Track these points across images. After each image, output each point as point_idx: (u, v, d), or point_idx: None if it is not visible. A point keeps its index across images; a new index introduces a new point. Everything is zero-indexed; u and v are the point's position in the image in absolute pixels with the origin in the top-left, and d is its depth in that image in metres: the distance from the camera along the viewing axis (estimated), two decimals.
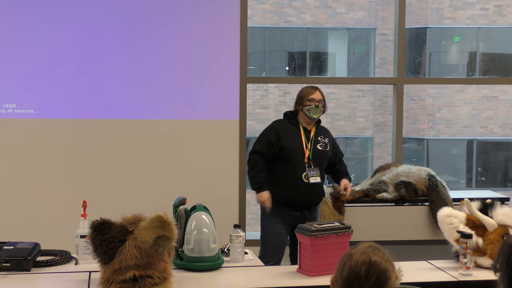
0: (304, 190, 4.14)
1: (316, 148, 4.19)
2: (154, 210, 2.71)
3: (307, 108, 4.15)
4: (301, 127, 4.20)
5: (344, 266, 1.94)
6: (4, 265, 3.01)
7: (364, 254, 1.93)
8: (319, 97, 4.19)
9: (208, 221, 3.16)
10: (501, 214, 3.22)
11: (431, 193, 4.83)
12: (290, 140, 4.16)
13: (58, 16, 4.97)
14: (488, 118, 13.18)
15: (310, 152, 4.15)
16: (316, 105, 4.15)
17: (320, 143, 4.22)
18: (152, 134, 5.07)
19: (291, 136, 4.17)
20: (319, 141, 4.21)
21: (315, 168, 4.14)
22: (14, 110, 4.98)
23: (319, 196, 4.28)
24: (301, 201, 4.17)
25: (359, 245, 1.98)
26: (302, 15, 13.24)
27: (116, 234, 2.62)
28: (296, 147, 4.15)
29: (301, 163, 4.13)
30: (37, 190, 5.01)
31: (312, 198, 4.22)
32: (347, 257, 1.95)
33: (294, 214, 4.18)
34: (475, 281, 2.99)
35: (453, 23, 13.24)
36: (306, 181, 4.12)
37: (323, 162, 4.23)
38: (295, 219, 4.14)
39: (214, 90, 5.09)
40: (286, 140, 4.15)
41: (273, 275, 3.12)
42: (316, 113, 4.16)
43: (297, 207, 4.18)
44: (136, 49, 5.04)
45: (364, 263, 1.91)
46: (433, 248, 4.62)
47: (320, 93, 4.20)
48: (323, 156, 4.22)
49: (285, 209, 4.17)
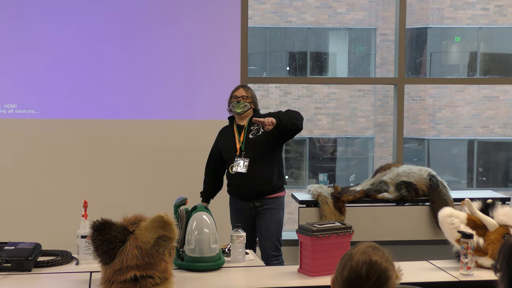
0: (234, 180, 4.30)
1: (248, 138, 4.32)
2: (155, 210, 2.71)
3: (231, 104, 4.38)
4: (234, 125, 4.40)
5: (344, 266, 1.94)
6: (5, 266, 3.01)
7: (365, 254, 1.93)
8: (242, 93, 4.37)
9: (209, 221, 3.17)
10: (502, 214, 3.22)
11: (432, 193, 4.83)
12: (223, 142, 4.42)
13: (58, 17, 4.97)
14: (489, 118, 13.17)
15: (243, 144, 4.30)
16: (237, 100, 4.34)
17: (252, 132, 4.34)
18: (152, 134, 5.08)
19: (225, 138, 4.43)
20: (250, 130, 4.34)
21: (244, 159, 4.26)
22: (15, 110, 4.99)
23: (252, 184, 4.25)
24: (238, 192, 4.34)
25: (359, 245, 1.98)
26: (303, 15, 13.23)
27: (117, 234, 2.62)
28: (226, 145, 4.37)
29: (233, 156, 4.31)
30: (38, 190, 5.01)
31: (245, 187, 4.28)
32: (347, 257, 1.95)
33: (247, 205, 4.32)
34: (476, 281, 2.99)
35: (454, 23, 13.24)
36: (231, 172, 4.28)
37: (257, 148, 4.27)
38: (250, 209, 4.32)
39: (214, 90, 5.10)
40: (221, 143, 4.43)
41: (274, 275, 3.12)
42: (239, 108, 4.34)
43: (243, 198, 4.34)
44: (136, 49, 5.05)
45: (365, 263, 1.91)
46: (434, 248, 4.62)
47: (244, 90, 4.39)
48: (255, 143, 4.28)
49: (236, 201, 4.39)
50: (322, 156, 13.24)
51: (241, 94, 4.36)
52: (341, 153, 13.37)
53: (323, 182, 12.61)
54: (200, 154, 5.06)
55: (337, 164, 13.35)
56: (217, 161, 4.44)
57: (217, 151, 4.43)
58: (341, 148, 13.41)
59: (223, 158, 4.39)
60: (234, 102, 4.35)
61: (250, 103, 4.37)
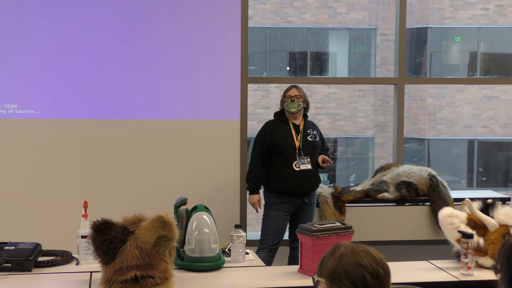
0: (297, 178, 4.54)
1: (306, 139, 4.61)
2: (155, 210, 2.71)
3: (285, 104, 4.60)
4: (290, 123, 4.62)
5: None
6: (5, 266, 3.01)
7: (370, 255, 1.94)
8: (295, 93, 4.60)
9: (209, 221, 3.16)
10: (502, 214, 3.22)
11: (432, 193, 4.83)
12: (282, 136, 4.58)
13: (58, 17, 4.97)
14: (489, 118, 13.17)
15: (300, 143, 4.57)
16: (292, 100, 4.57)
17: (310, 135, 4.64)
18: (152, 134, 5.08)
19: (282, 132, 4.60)
20: (308, 133, 4.64)
21: (305, 157, 4.55)
22: (15, 111, 4.99)
23: (313, 182, 4.64)
24: (297, 188, 4.56)
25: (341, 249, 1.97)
26: (303, 15, 13.23)
27: (117, 234, 2.62)
28: (287, 141, 4.57)
29: (293, 154, 4.55)
30: (38, 190, 5.01)
31: (307, 184, 4.59)
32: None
33: (294, 201, 4.57)
34: (476, 281, 2.99)
35: (454, 23, 13.23)
36: (297, 169, 4.52)
37: (314, 151, 4.63)
38: (295, 205, 4.58)
39: (215, 90, 5.10)
40: (279, 137, 4.58)
41: (274, 275, 3.12)
42: (293, 107, 4.57)
43: (296, 194, 4.57)
44: (136, 49, 5.04)
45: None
46: (434, 248, 4.62)
47: (296, 90, 4.61)
48: (313, 145, 4.63)
49: (284, 197, 4.57)
50: None
51: (294, 93, 4.59)
52: (341, 153, 13.37)
53: (323, 182, 12.58)
54: (199, 154, 5.07)
55: (337, 164, 13.35)
56: (270, 153, 4.58)
57: (274, 144, 4.56)
58: (341, 148, 13.41)
59: (280, 150, 4.54)
60: (288, 101, 4.58)
61: (303, 102, 4.60)
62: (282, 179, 4.55)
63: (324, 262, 1.97)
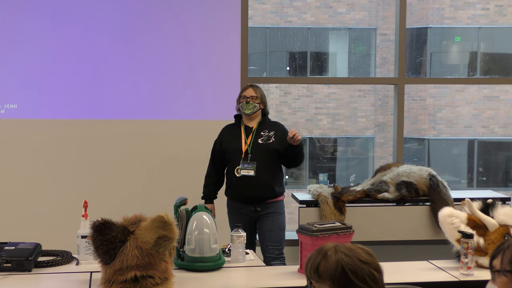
0: (239, 184, 4.22)
1: (256, 142, 4.25)
2: (155, 210, 2.71)
3: (240, 105, 4.30)
4: (242, 126, 4.31)
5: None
6: (5, 266, 3.01)
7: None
8: (251, 93, 4.28)
9: (209, 221, 3.16)
10: (502, 214, 3.22)
11: (432, 193, 4.83)
12: (229, 141, 4.31)
13: (59, 17, 4.98)
14: (489, 118, 13.17)
15: (249, 147, 4.23)
16: (247, 101, 4.26)
17: (262, 137, 4.26)
18: (152, 134, 5.08)
19: (231, 137, 4.32)
20: (261, 136, 4.26)
21: (251, 162, 4.20)
22: (15, 111, 4.99)
23: (258, 189, 4.23)
24: (239, 195, 4.26)
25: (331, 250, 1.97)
26: (303, 15, 13.23)
27: (117, 234, 2.62)
28: (233, 145, 4.27)
29: (238, 159, 4.22)
30: (38, 191, 5.01)
31: (251, 191, 4.22)
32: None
33: (248, 208, 4.27)
34: (476, 281, 2.99)
35: (454, 23, 13.23)
36: (238, 175, 4.20)
37: (264, 154, 4.23)
38: (251, 213, 4.27)
39: (214, 90, 5.10)
40: (226, 142, 4.32)
41: (274, 275, 3.12)
42: (248, 109, 4.26)
43: (244, 201, 4.27)
44: (136, 49, 5.05)
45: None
46: (434, 248, 4.62)
47: (253, 90, 4.30)
48: (263, 149, 4.23)
49: (236, 204, 4.31)
50: (322, 156, 13.23)
51: (250, 94, 4.27)
52: (341, 153, 13.37)
53: (323, 182, 12.61)
54: (199, 154, 5.06)
55: (337, 164, 13.35)
56: (221, 159, 4.35)
57: (222, 150, 4.33)
58: (341, 148, 13.41)
59: (225, 158, 4.32)
60: (243, 102, 4.27)
61: (259, 103, 4.29)
62: (229, 185, 4.31)
63: (319, 267, 1.95)
